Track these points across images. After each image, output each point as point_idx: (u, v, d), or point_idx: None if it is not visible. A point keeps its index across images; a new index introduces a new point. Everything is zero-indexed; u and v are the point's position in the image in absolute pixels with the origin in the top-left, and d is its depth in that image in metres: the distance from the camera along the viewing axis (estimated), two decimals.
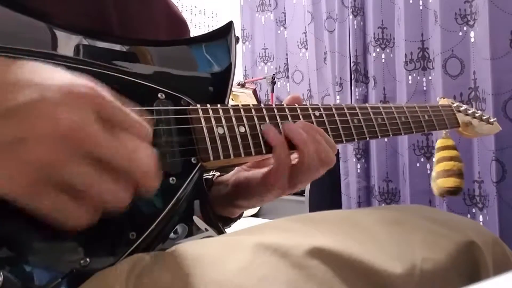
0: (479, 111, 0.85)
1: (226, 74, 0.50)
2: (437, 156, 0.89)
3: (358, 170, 2.13)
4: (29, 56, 0.34)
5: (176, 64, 0.47)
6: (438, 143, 0.90)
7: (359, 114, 0.58)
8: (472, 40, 1.65)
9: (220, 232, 0.43)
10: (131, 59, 0.43)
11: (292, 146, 0.48)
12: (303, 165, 0.48)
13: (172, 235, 0.40)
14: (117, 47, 0.43)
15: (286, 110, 0.51)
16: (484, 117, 0.85)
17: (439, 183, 0.87)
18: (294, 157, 0.49)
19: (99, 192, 0.29)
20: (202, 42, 0.50)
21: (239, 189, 0.54)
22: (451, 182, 0.87)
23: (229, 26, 0.52)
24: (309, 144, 0.47)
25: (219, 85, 0.49)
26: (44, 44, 0.37)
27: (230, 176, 0.57)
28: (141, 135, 0.32)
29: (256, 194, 0.52)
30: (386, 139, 2.01)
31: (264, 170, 0.51)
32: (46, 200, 0.28)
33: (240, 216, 0.60)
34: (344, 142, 0.55)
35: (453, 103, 0.81)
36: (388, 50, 2.01)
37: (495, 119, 0.88)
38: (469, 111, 0.82)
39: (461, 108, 0.81)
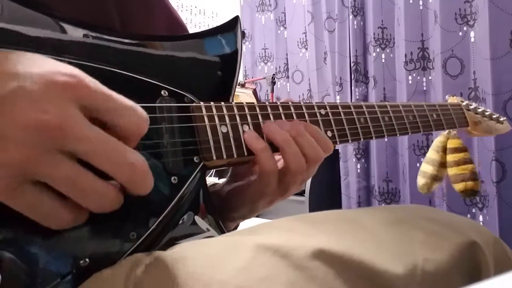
0: (488, 110, 0.82)
1: (231, 70, 0.49)
2: (455, 157, 0.87)
3: (358, 170, 2.13)
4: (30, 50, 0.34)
5: (180, 60, 0.46)
6: (450, 144, 0.88)
7: (366, 113, 0.56)
8: (472, 40, 1.65)
9: (222, 231, 0.42)
10: (134, 55, 0.42)
11: (276, 148, 0.46)
12: (289, 167, 0.46)
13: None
14: (119, 42, 0.42)
15: (291, 108, 0.50)
16: (494, 116, 0.83)
17: (468, 185, 0.87)
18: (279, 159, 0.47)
19: (82, 192, 0.28)
20: (207, 37, 0.48)
21: (230, 200, 0.52)
22: (478, 185, 0.89)
23: (235, 20, 0.50)
24: (291, 144, 0.45)
25: (223, 81, 0.48)
26: (46, 38, 0.37)
27: (221, 187, 0.55)
28: (135, 125, 0.30)
29: (247, 202, 0.50)
30: (386, 139, 2.01)
31: (253, 177, 0.49)
32: (21, 198, 0.27)
33: (235, 229, 0.57)
34: (350, 141, 0.54)
35: (463, 101, 0.79)
36: (388, 50, 2.01)
37: (504, 118, 0.85)
38: (479, 110, 0.80)
39: (471, 107, 0.79)
